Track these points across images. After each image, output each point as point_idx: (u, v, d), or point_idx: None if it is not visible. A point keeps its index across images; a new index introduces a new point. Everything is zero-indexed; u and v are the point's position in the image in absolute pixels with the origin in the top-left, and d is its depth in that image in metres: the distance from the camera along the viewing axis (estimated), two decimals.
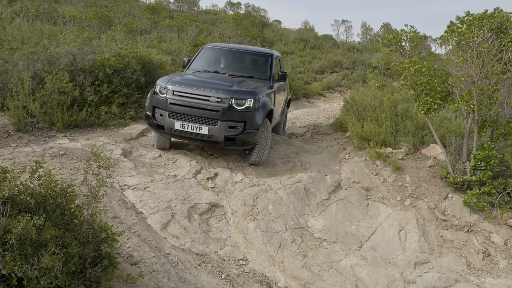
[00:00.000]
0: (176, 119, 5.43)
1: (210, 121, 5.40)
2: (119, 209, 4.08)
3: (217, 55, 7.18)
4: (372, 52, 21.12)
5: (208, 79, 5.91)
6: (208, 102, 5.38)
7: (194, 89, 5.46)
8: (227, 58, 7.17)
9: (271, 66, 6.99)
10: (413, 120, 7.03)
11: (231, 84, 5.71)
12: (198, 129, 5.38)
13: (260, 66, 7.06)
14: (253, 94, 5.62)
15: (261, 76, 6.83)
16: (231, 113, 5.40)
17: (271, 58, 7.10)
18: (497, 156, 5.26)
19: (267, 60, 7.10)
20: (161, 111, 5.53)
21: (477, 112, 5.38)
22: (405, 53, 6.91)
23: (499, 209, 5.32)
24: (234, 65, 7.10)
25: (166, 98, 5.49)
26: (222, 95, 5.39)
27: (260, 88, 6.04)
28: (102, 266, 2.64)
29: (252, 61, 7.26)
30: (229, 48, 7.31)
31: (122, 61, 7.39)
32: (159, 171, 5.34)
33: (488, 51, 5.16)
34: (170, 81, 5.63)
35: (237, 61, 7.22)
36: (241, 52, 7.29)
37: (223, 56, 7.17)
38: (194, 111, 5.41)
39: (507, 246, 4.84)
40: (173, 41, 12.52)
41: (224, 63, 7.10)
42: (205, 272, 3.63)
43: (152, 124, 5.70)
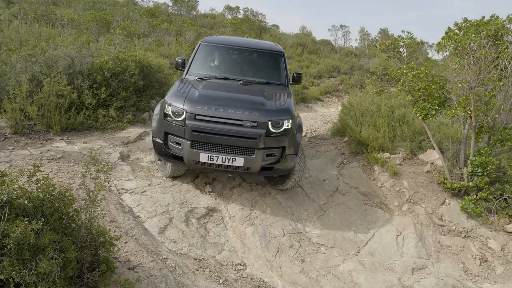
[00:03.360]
0: (201, 150, 4.42)
1: (246, 151, 4.48)
2: (117, 213, 4.06)
3: (219, 54, 6.13)
4: (369, 57, 21.22)
5: (231, 95, 4.97)
6: (241, 128, 4.43)
7: (222, 111, 4.45)
8: (232, 58, 6.14)
9: (286, 67, 6.13)
10: (410, 126, 7.05)
11: (262, 101, 4.78)
12: (231, 160, 4.42)
13: (272, 68, 6.14)
14: (289, 113, 4.78)
15: (277, 80, 5.92)
16: (269, 138, 4.52)
17: (283, 56, 6.20)
18: (494, 162, 5.28)
19: (280, 60, 6.17)
20: (178, 139, 4.50)
21: (474, 118, 5.40)
22: (402, 58, 6.95)
23: (496, 215, 5.34)
24: (243, 67, 6.08)
25: (186, 124, 4.41)
26: (258, 118, 4.48)
27: (289, 100, 5.13)
28: (99, 271, 2.62)
29: (262, 61, 6.23)
30: (232, 45, 6.18)
31: (121, 65, 7.38)
32: (157, 175, 5.33)
33: (485, 57, 5.20)
34: (187, 100, 4.55)
35: (245, 61, 6.18)
36: (248, 51, 6.19)
37: (227, 55, 6.13)
38: (225, 140, 4.41)
39: (504, 252, 4.85)
40: (172, 45, 12.53)
41: (230, 64, 6.09)
42: (203, 277, 3.62)
43: (164, 154, 4.70)
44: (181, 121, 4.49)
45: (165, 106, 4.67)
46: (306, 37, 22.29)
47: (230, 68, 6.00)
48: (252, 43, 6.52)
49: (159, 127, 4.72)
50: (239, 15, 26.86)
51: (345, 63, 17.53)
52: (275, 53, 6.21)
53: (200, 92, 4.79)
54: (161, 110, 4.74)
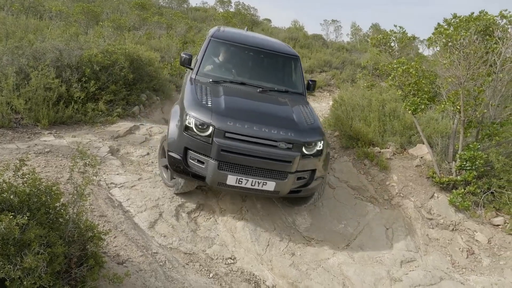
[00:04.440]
0: (229, 172, 3.97)
1: (278, 175, 4.09)
2: (106, 208, 4.03)
3: (232, 53, 5.57)
4: (361, 52, 21.26)
5: (260, 108, 4.58)
6: (276, 149, 4.02)
7: (255, 129, 3.99)
8: (246, 59, 5.59)
9: (302, 73, 5.67)
10: (400, 120, 7.10)
11: (293, 118, 4.41)
12: (261, 184, 4.04)
13: (289, 74, 5.73)
14: (322, 133, 4.44)
15: (295, 88, 5.49)
16: (302, 161, 4.15)
17: (299, 61, 5.77)
18: (482, 157, 5.34)
19: (297, 65, 5.72)
20: (202, 157, 4.01)
21: (463, 113, 5.45)
22: (393, 53, 6.98)
23: (483, 208, 5.42)
24: (258, 70, 5.56)
25: (213, 142, 3.91)
26: (294, 139, 4.09)
27: (316, 117, 4.77)
28: (88, 265, 2.60)
29: (278, 65, 5.71)
30: (245, 44, 5.57)
31: (110, 58, 7.28)
32: (147, 169, 5.29)
33: (475, 53, 5.24)
34: (214, 113, 4.05)
35: (260, 64, 5.64)
36: (264, 53, 5.62)
37: (241, 55, 5.57)
38: (258, 162, 3.96)
39: (490, 245, 4.93)
40: (162, 38, 12.41)
41: (244, 66, 5.54)
42: (193, 271, 3.61)
43: (182, 171, 4.16)
44: (207, 137, 3.96)
45: (185, 117, 4.07)
46: (298, 31, 22.25)
47: (245, 71, 5.46)
48: (265, 42, 5.93)
49: (178, 141, 4.12)
50: (231, 8, 26.70)
51: (337, 57, 17.54)
52: (292, 57, 5.73)
53: (226, 103, 4.27)
54: (181, 121, 4.12)
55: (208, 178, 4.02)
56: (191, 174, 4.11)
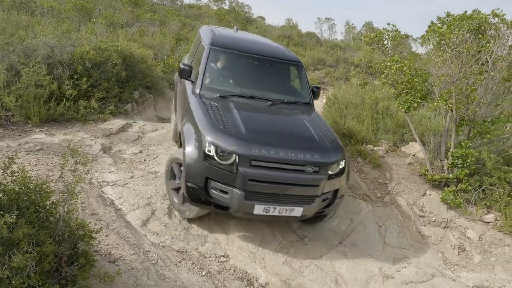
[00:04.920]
0: (257, 201, 3.72)
1: (306, 199, 3.90)
2: (98, 206, 4.00)
3: (235, 63, 5.22)
4: (355, 50, 21.32)
5: (279, 127, 4.33)
6: (303, 174, 3.82)
7: (282, 154, 3.74)
8: (250, 69, 5.27)
9: (307, 81, 5.39)
10: (393, 118, 7.13)
11: (313, 136, 4.22)
12: (288, 211, 3.85)
13: (295, 82, 5.50)
14: (343, 149, 4.30)
15: (302, 98, 5.21)
16: (328, 182, 3.98)
17: (303, 68, 5.51)
18: (474, 154, 5.38)
19: (301, 72, 5.44)
20: (226, 187, 3.71)
21: (455, 111, 5.49)
22: (387, 51, 7.00)
23: (474, 206, 5.46)
24: (265, 81, 5.24)
25: (239, 172, 3.62)
26: (320, 161, 3.88)
27: (331, 130, 4.63)
28: (78, 264, 2.57)
29: (283, 74, 5.44)
30: (248, 52, 5.18)
31: (102, 55, 7.23)
32: (139, 167, 5.26)
33: (467, 51, 5.26)
34: (236, 138, 3.73)
35: (265, 73, 5.31)
36: (268, 61, 5.28)
37: (244, 65, 5.23)
38: (285, 189, 3.76)
39: (481, 242, 4.97)
40: (155, 35, 12.34)
41: (249, 77, 5.22)
42: (186, 269, 3.60)
43: (203, 202, 3.85)
44: (230, 165, 3.66)
45: (205, 144, 3.73)
46: (292, 29, 22.25)
47: (251, 82, 5.12)
48: (268, 48, 5.56)
49: (197, 170, 3.76)
50: (224, 6, 26.61)
51: (331, 56, 17.58)
52: (296, 63, 5.44)
53: (245, 125, 3.97)
54: (199, 147, 3.77)
55: (233, 209, 3.77)
56: (213, 204, 3.83)
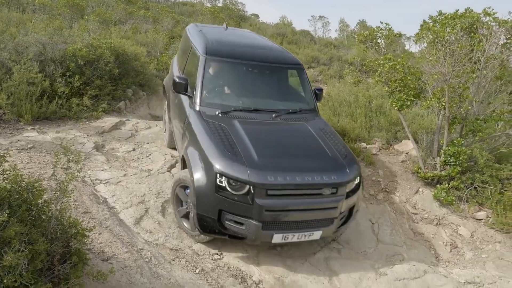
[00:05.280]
0: (275, 231, 3.56)
1: (324, 222, 3.76)
2: (90, 204, 3.98)
3: (233, 72, 4.86)
4: (348, 48, 21.38)
5: (292, 147, 4.06)
6: (320, 198, 3.66)
7: (298, 179, 3.52)
8: (251, 78, 4.93)
9: (310, 85, 5.12)
10: (386, 116, 7.17)
11: (326, 152, 4.01)
12: (307, 236, 3.72)
13: (297, 87, 5.20)
14: (357, 162, 4.12)
15: (307, 104, 4.94)
16: (345, 201, 3.82)
17: (304, 71, 5.21)
18: (466, 152, 5.43)
19: (303, 76, 5.15)
20: (242, 219, 3.52)
21: (448, 109, 5.52)
22: (380, 50, 7.02)
23: (466, 203, 5.51)
24: (265, 89, 4.93)
25: (255, 203, 3.42)
26: (337, 181, 3.67)
27: (341, 139, 4.48)
28: (71, 262, 2.56)
29: (284, 79, 5.19)
30: (246, 59, 4.83)
31: (95, 52, 7.18)
32: (132, 165, 5.24)
33: (460, 50, 5.30)
34: (250, 167, 3.48)
35: (265, 81, 5.00)
36: (269, 68, 4.97)
37: (244, 74, 4.89)
38: (303, 215, 3.62)
39: (473, 238, 5.02)
40: (149, 33, 12.26)
41: (250, 87, 4.87)
42: (179, 267, 3.60)
43: (217, 233, 3.66)
44: (244, 195, 3.45)
45: (215, 175, 3.47)
46: (286, 27, 22.25)
47: (253, 93, 4.82)
48: (266, 52, 5.16)
49: (209, 202, 3.52)
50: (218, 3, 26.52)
51: (324, 54, 17.61)
52: (296, 66, 5.15)
53: (256, 149, 3.70)
54: (210, 178, 3.51)
55: (250, 239, 3.61)
56: (228, 235, 3.65)
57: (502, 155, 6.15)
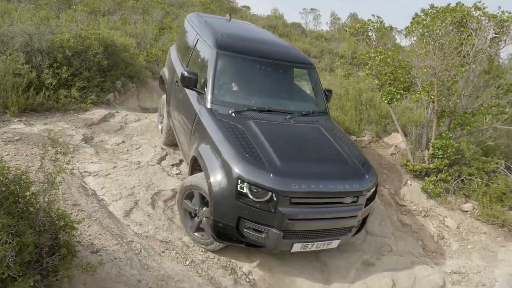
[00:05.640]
0: (295, 239, 3.44)
1: (343, 231, 3.69)
2: (79, 197, 3.94)
3: (246, 69, 4.60)
4: (340, 41, 21.40)
5: (312, 152, 3.90)
6: (342, 207, 3.57)
7: (322, 187, 3.40)
8: (264, 76, 4.71)
9: (321, 86, 4.93)
10: (376, 109, 7.22)
11: (344, 158, 3.88)
12: (326, 245, 3.65)
13: (309, 88, 4.98)
14: (375, 171, 4.03)
15: (319, 106, 4.76)
16: (363, 210, 3.75)
17: (316, 70, 4.99)
18: (454, 145, 5.50)
19: (315, 76, 4.93)
20: (262, 227, 3.36)
21: (437, 103, 5.58)
22: (371, 43, 7.04)
23: (453, 195, 5.60)
24: (279, 89, 4.75)
25: (278, 211, 3.26)
26: (357, 189, 3.58)
27: (351, 141, 4.36)
28: (60, 255, 2.54)
29: (297, 79, 5.06)
30: (262, 57, 4.59)
31: (83, 43, 7.06)
32: (122, 157, 5.20)
33: (450, 44, 5.34)
34: (274, 173, 3.29)
35: (278, 80, 4.82)
36: (282, 66, 4.80)
37: (257, 71, 4.64)
38: (324, 224, 3.53)
39: (459, 230, 5.11)
40: (138, 24, 12.11)
41: (263, 85, 4.66)
42: (169, 259, 3.60)
43: (234, 241, 3.49)
44: (266, 203, 3.28)
45: (236, 181, 3.28)
46: (277, 19, 22.18)
47: (266, 92, 4.61)
48: (279, 49, 4.97)
49: (228, 209, 3.35)
50: None
51: (315, 46, 17.60)
52: (308, 66, 4.95)
53: (277, 153, 3.52)
54: (229, 183, 3.32)
55: (269, 248, 3.46)
56: (246, 243, 3.50)
57: (489, 148, 6.25)
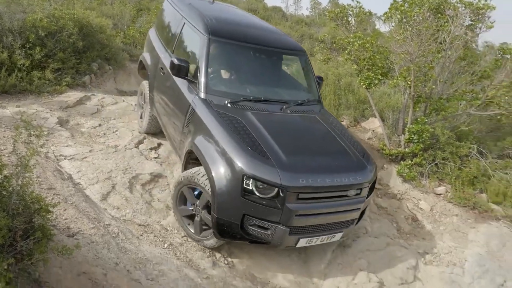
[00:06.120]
0: (301, 235, 3.39)
1: (347, 224, 3.66)
2: (54, 180, 3.87)
3: (238, 56, 4.40)
4: (320, 26, 21.36)
5: (315, 144, 3.84)
6: (347, 200, 3.52)
7: (328, 181, 3.32)
8: (258, 64, 4.54)
9: (314, 74, 4.80)
10: (355, 94, 7.30)
11: (345, 149, 3.82)
12: (330, 238, 3.62)
13: (302, 76, 4.83)
14: (374, 161, 3.97)
15: (311, 95, 4.63)
16: (365, 202, 3.74)
17: (307, 57, 4.85)
18: (429, 130, 5.63)
19: (307, 63, 4.79)
20: (268, 224, 3.26)
21: (413, 88, 5.68)
22: (350, 28, 7.07)
23: (428, 179, 5.76)
24: (272, 77, 4.63)
25: (286, 207, 3.17)
26: (360, 181, 3.53)
27: (348, 131, 4.31)
28: (34, 238, 2.50)
29: (288, 66, 4.94)
30: (255, 44, 4.36)
31: (57, 23, 6.82)
32: (98, 141, 5.11)
33: (427, 30, 5.41)
34: (280, 168, 3.18)
35: (271, 68, 4.66)
36: (275, 53, 4.59)
37: (250, 59, 4.46)
38: (330, 218, 3.47)
39: (432, 212, 5.29)
40: (115, 4, 11.75)
41: (256, 74, 4.50)
42: (147, 242, 3.59)
43: (238, 238, 3.38)
44: (272, 199, 3.17)
45: (241, 176, 3.14)
46: (258, 3, 21.91)
47: (261, 81, 4.45)
48: (270, 35, 4.73)
49: (232, 206, 3.23)
50: None
51: (296, 31, 17.53)
52: (300, 52, 4.77)
53: (281, 146, 3.41)
54: (233, 179, 3.19)
55: (275, 244, 3.38)
56: (250, 240, 3.40)
57: (462, 133, 6.44)
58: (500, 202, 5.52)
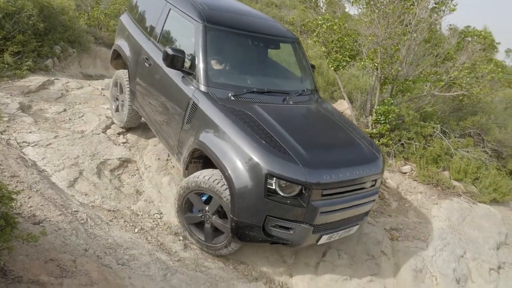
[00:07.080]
0: (323, 232, 3.28)
1: (362, 216, 3.65)
2: (18, 168, 3.74)
3: (235, 45, 4.12)
4: (290, 9, 21.27)
5: (329, 137, 3.75)
6: (365, 192, 3.45)
7: (349, 175, 3.23)
8: (255, 53, 4.36)
9: (308, 62, 4.72)
10: (324, 77, 7.38)
11: (355, 141, 3.73)
12: (347, 232, 3.53)
13: (297, 66, 4.66)
14: (380, 148, 3.95)
15: (308, 85, 4.50)
16: None
17: (301, 45, 4.73)
18: (395, 111, 5.79)
19: (302, 51, 4.68)
20: (290, 223, 3.10)
21: (380, 70, 5.80)
22: (319, 10, 7.10)
23: (394, 158, 5.96)
24: (270, 67, 4.51)
25: (310, 205, 3.03)
26: (375, 173, 3.47)
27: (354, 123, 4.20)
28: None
29: (286, 56, 4.79)
30: (252, 32, 4.13)
31: (15, 4, 6.47)
32: (64, 126, 4.96)
33: (393, 12, 5.51)
34: (303, 165, 3.01)
35: (267, 58, 4.53)
36: (273, 41, 4.44)
37: (247, 48, 4.22)
38: (351, 212, 3.41)
39: (398, 190, 5.48)
40: None
41: (255, 64, 4.33)
42: (118, 227, 3.56)
43: (259, 240, 3.21)
44: (295, 197, 3.03)
45: (265, 177, 2.95)
46: None
47: (258, 72, 4.28)
48: (265, 23, 4.49)
49: (254, 209, 3.04)
50: None
51: (266, 13, 17.40)
52: (294, 40, 4.60)
53: (299, 142, 3.24)
54: (255, 179, 2.98)
55: (295, 242, 3.22)
56: (271, 241, 3.23)
57: (427, 114, 6.66)
58: (461, 179, 5.79)
